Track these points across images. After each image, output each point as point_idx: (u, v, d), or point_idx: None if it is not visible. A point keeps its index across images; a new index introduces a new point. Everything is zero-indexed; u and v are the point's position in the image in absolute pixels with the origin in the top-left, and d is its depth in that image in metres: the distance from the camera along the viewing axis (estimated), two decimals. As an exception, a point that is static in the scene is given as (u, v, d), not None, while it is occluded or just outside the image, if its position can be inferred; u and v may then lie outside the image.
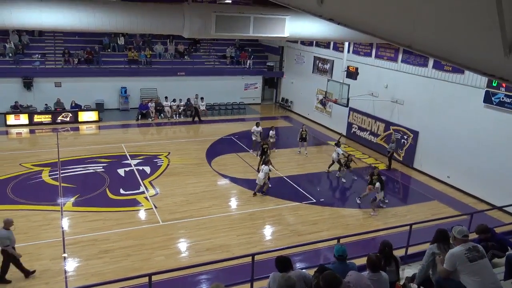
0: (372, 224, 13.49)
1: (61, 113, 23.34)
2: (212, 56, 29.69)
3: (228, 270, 9.99)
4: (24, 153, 18.46)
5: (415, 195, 16.53)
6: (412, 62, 18.52)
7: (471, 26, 3.15)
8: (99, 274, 10.26)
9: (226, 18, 10.90)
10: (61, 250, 11.32)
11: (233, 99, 28.33)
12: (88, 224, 12.73)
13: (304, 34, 13.03)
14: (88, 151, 18.88)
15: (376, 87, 20.62)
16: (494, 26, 2.86)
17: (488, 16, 2.90)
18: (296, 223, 13.51)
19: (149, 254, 11.32)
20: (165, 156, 18.87)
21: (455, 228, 5.61)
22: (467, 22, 3.19)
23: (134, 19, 10.71)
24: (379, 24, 4.29)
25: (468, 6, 3.16)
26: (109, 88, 25.81)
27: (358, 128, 22.31)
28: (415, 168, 18.69)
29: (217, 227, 12.92)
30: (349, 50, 21.69)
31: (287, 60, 29.40)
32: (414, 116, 18.64)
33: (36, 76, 24.15)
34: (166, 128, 23.99)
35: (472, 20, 3.13)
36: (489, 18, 2.90)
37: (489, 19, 2.91)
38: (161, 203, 14.26)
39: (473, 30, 3.15)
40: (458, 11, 3.25)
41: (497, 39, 2.89)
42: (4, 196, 14.25)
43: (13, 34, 24.89)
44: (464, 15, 3.20)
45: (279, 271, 5.43)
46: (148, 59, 26.95)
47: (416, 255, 8.53)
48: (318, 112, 25.96)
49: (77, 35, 26.09)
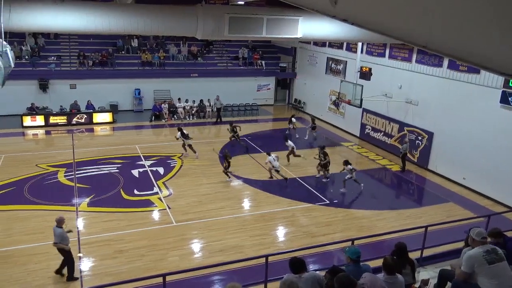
0: (386, 226, 13.37)
1: (76, 114, 23.64)
2: (224, 57, 29.78)
3: (242, 271, 9.99)
4: (40, 154, 18.74)
5: (430, 196, 16.33)
6: (427, 62, 18.33)
7: (489, 25, 3.10)
8: (113, 274, 10.35)
9: (239, 20, 10.91)
10: (76, 249, 11.44)
11: (246, 100, 28.37)
12: (102, 224, 12.86)
13: (317, 35, 12.97)
14: (103, 152, 19.08)
15: (390, 87, 20.45)
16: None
17: (507, 14, 2.86)
18: (309, 224, 13.46)
19: (162, 254, 11.39)
20: (178, 157, 18.97)
21: (474, 230, 5.53)
22: (484, 21, 3.14)
23: (148, 21, 10.79)
24: (394, 24, 4.25)
25: (485, 4, 3.11)
26: (123, 89, 26.08)
27: (371, 129, 22.15)
28: (430, 170, 18.47)
29: (230, 228, 12.94)
30: (363, 51, 21.55)
31: (300, 61, 29.34)
32: (428, 117, 18.44)
33: (52, 78, 24.52)
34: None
35: (490, 19, 3.08)
36: (507, 16, 2.86)
37: (507, 18, 2.86)
38: (174, 204, 14.34)
39: (491, 28, 3.10)
40: (475, 9, 3.20)
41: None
42: (21, 196, 14.48)
43: (29, 37, 25.31)
44: (482, 14, 3.15)
45: (293, 273, 5.42)
46: (162, 60, 27.16)
47: (432, 257, 8.43)
48: (331, 113, 25.84)
49: (92, 37, 26.40)
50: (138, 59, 27.07)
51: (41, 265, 10.62)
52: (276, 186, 16.28)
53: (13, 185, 15.27)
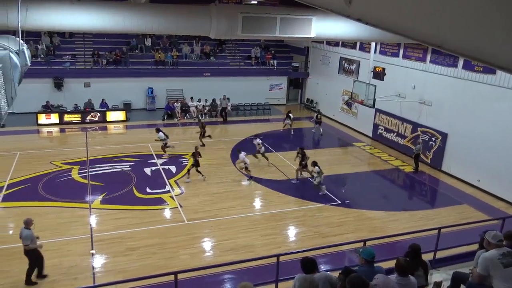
0: (398, 227, 13.25)
1: (90, 112, 23.89)
2: (237, 56, 29.82)
3: (253, 270, 9.99)
4: (55, 151, 18.97)
5: (443, 198, 16.16)
6: (441, 62, 18.12)
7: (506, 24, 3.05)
8: (125, 271, 10.44)
9: (252, 19, 10.91)
10: (89, 246, 11.58)
11: (258, 99, 28.38)
12: (115, 222, 12.98)
13: (330, 35, 12.91)
14: (116, 150, 19.25)
15: (403, 87, 20.27)
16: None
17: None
18: (320, 224, 13.41)
19: (174, 252, 11.45)
20: (190, 155, 19.01)
21: (489, 233, 5.46)
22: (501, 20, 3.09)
23: (162, 20, 10.85)
24: (409, 23, 4.20)
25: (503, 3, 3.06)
26: (136, 88, 26.28)
27: (384, 130, 21.98)
28: (444, 171, 18.27)
29: (241, 227, 12.96)
30: (376, 51, 21.41)
31: (313, 60, 29.25)
32: (442, 118, 18.23)
33: (67, 77, 24.83)
34: (192, 128, 24.21)
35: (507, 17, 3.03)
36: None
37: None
38: (186, 202, 14.41)
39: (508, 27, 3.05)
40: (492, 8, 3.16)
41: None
42: (36, 193, 14.68)
43: (44, 36, 25.64)
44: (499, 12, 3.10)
45: (304, 273, 5.39)
46: (175, 60, 27.31)
47: (445, 259, 8.34)
48: (343, 113, 25.71)
49: (106, 36, 26.65)
50: (151, 58, 27.26)
51: (53, 261, 10.75)
52: (287, 186, 16.25)
53: (27, 182, 15.50)
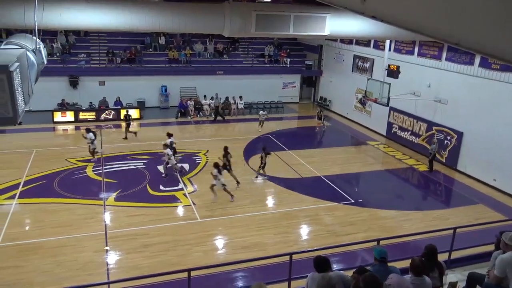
0: (412, 226, 13.13)
1: (105, 110, 24.13)
2: (250, 55, 29.81)
3: (265, 268, 10.00)
4: (70, 149, 19.20)
5: (459, 198, 15.95)
6: (457, 60, 17.87)
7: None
8: (139, 267, 10.53)
9: (266, 17, 10.90)
10: (103, 243, 11.70)
11: (271, 97, 28.35)
12: (129, 219, 13.10)
13: (345, 32, 12.83)
14: (130, 148, 19.42)
15: (418, 86, 20.04)
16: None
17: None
18: (333, 223, 13.36)
19: (187, 249, 11.51)
20: (204, 153, 19.13)
21: (506, 234, 5.37)
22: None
23: (176, 19, 10.90)
24: (425, 21, 4.14)
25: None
26: (150, 86, 26.45)
27: (398, 128, 21.77)
28: (459, 170, 18.03)
29: (253, 225, 12.97)
30: (390, 48, 21.19)
31: (326, 58, 29.09)
32: (458, 116, 17.98)
33: (82, 75, 25.10)
34: (205, 126, 24.31)
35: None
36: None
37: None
38: (199, 200, 14.47)
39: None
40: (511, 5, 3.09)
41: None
42: (51, 189, 14.89)
43: (60, 34, 25.95)
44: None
45: (318, 272, 5.37)
46: (188, 58, 27.42)
47: (460, 260, 8.23)
48: (357, 112, 25.53)
49: (120, 35, 26.87)
50: (165, 56, 27.41)
51: (69, 257, 10.91)
52: (300, 184, 16.21)
53: (43, 179, 15.73)
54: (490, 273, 5.42)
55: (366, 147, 21.41)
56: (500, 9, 3.18)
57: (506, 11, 3.13)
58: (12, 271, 10.29)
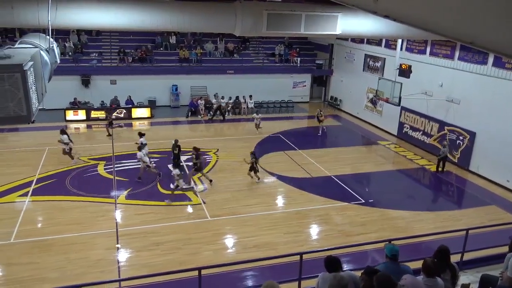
0: (423, 227, 13.01)
1: (116, 109, 24.30)
2: (261, 54, 29.79)
3: (275, 268, 10.00)
4: (82, 147, 19.37)
5: (471, 198, 15.78)
6: (470, 59, 17.67)
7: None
8: (149, 265, 10.59)
9: (277, 16, 10.87)
10: (114, 240, 11.79)
11: (281, 97, 28.32)
12: (139, 217, 13.18)
13: (356, 32, 12.73)
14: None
15: (430, 85, 19.85)
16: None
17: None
18: (343, 223, 13.30)
19: (197, 248, 11.55)
20: (214, 152, 19.17)
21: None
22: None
23: (187, 18, 10.92)
24: (439, 19, 4.09)
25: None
26: (161, 85, 26.57)
27: (410, 128, 21.60)
28: (471, 171, 17.83)
29: (263, 224, 12.97)
30: (402, 47, 21.01)
31: (337, 58, 28.97)
32: (471, 116, 17.78)
33: (93, 74, 25.31)
34: (215, 125, 24.35)
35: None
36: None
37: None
38: (209, 199, 14.51)
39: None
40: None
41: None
42: (63, 187, 15.05)
43: (72, 34, 26.20)
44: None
45: (328, 272, 5.35)
46: (199, 57, 27.50)
47: (473, 261, 8.14)
48: (368, 111, 25.37)
49: (132, 34, 27.03)
50: (176, 55, 27.51)
51: (80, 255, 11.02)
52: (310, 184, 16.17)
53: (56, 177, 15.89)
54: (504, 275, 5.36)
55: (377, 147, 21.28)
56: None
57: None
58: (25, 267, 10.42)
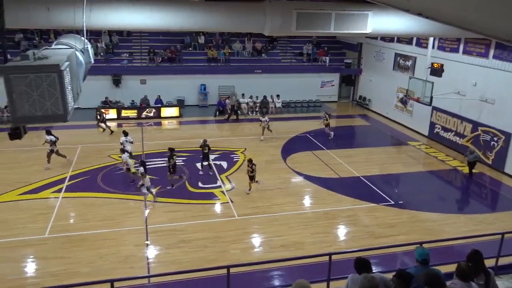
0: (455, 230, 12.70)
1: (146, 108, 24.74)
2: (289, 53, 29.71)
3: (303, 268, 9.97)
4: (112, 145, 19.77)
5: (506, 201, 15.29)
6: (506, 58, 17.10)
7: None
8: (178, 262, 10.74)
9: (307, 15, 10.81)
10: (144, 237, 12.01)
11: (309, 96, 28.18)
12: (168, 215, 13.38)
13: (387, 30, 12.50)
14: (170, 145, 19.73)
15: (463, 85, 19.33)
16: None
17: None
18: (372, 224, 13.12)
19: (225, 246, 11.63)
20: (241, 152, 19.24)
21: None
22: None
23: (217, 18, 11.00)
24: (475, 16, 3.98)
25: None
26: (189, 85, 26.87)
27: (441, 129, 21.09)
28: (506, 173, 17.26)
29: (291, 224, 12.94)
30: (434, 46, 20.53)
31: (366, 57, 28.58)
32: (506, 117, 17.21)
33: (124, 74, 25.83)
34: (243, 124, 24.44)
35: None
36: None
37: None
38: (236, 198, 14.58)
39: None
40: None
41: None
42: (95, 184, 15.43)
43: (104, 34, 26.82)
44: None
45: (358, 273, 5.30)
46: (227, 57, 27.65)
47: (508, 267, 7.89)
48: (398, 111, 24.92)
49: (161, 34, 27.45)
50: (204, 55, 27.77)
51: (111, 250, 11.27)
52: (339, 184, 16.02)
53: (88, 174, 16.31)
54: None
55: (407, 148, 20.88)
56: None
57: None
58: (59, 261, 10.75)
